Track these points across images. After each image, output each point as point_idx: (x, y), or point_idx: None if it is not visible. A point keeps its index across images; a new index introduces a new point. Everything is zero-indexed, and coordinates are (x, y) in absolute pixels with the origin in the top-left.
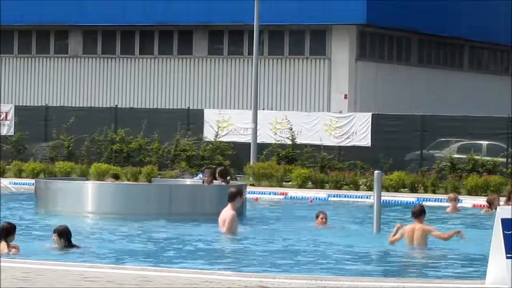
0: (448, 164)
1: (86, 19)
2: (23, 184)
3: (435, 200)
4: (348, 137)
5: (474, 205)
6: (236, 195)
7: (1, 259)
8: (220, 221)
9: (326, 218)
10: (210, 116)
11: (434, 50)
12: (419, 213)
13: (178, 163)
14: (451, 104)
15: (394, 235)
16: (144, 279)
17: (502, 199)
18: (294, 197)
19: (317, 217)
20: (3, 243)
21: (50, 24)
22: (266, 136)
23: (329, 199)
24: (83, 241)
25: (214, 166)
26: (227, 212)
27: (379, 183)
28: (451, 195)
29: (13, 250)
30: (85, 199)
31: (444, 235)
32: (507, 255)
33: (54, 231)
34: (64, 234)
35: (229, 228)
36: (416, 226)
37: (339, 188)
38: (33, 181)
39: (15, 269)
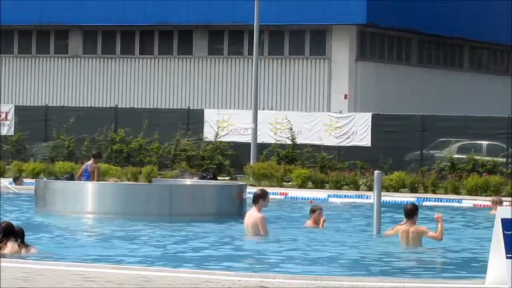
0: (448, 164)
1: (86, 19)
2: (23, 184)
3: (435, 200)
4: (348, 137)
5: (474, 205)
6: (259, 197)
7: (1, 259)
8: (248, 225)
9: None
10: (210, 116)
11: (434, 50)
12: (412, 213)
13: (178, 163)
14: (451, 104)
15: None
16: (144, 279)
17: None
18: (294, 197)
19: (313, 212)
20: (14, 243)
21: (50, 24)
22: (266, 136)
23: (329, 199)
24: (83, 240)
25: (215, 167)
26: (255, 216)
27: (379, 183)
28: (496, 198)
29: (32, 250)
30: (85, 199)
31: (438, 234)
32: (507, 255)
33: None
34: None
35: (266, 232)
36: (410, 228)
37: (339, 188)
38: (33, 181)
39: (15, 269)
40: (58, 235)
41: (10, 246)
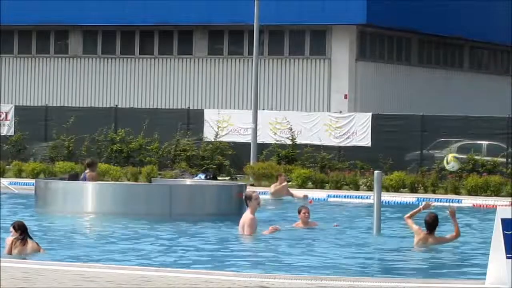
0: None
1: (86, 19)
2: (23, 184)
3: (435, 200)
4: (348, 137)
5: (474, 205)
6: (246, 199)
7: (1, 259)
8: (240, 225)
9: (308, 213)
10: (210, 116)
11: (434, 50)
12: (435, 225)
13: (178, 163)
14: (451, 104)
15: (413, 215)
16: (144, 279)
17: (501, 199)
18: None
19: (299, 212)
20: (34, 242)
21: (50, 24)
22: (266, 136)
23: (329, 199)
24: (83, 240)
25: (215, 167)
26: (246, 217)
27: (379, 183)
28: None
29: (41, 250)
30: (85, 199)
31: (455, 233)
32: (507, 255)
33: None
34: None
35: (249, 232)
36: (430, 238)
37: (339, 188)
38: (33, 181)
39: (15, 269)
40: (58, 235)
41: (31, 245)
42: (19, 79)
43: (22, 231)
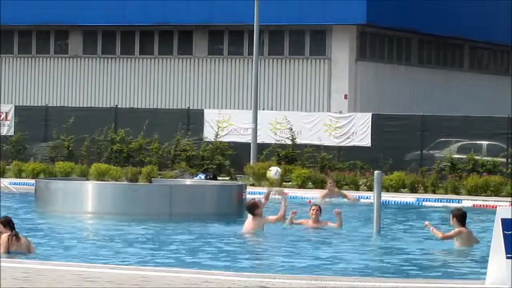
0: (448, 164)
1: (86, 19)
2: (23, 184)
3: (435, 200)
4: (348, 137)
5: (474, 205)
6: (252, 209)
7: (1, 259)
8: (247, 227)
9: (317, 211)
10: (210, 116)
11: (434, 50)
12: (466, 218)
13: (178, 163)
14: (451, 104)
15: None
16: (144, 279)
17: (501, 199)
18: (294, 197)
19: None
20: (26, 239)
21: (50, 24)
22: (266, 136)
23: (330, 199)
24: (83, 240)
25: (215, 167)
26: (252, 222)
27: (379, 183)
28: None
29: (32, 248)
30: (85, 199)
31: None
32: (507, 255)
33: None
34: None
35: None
36: (466, 230)
37: (339, 188)
38: (33, 181)
39: (15, 269)
40: (58, 235)
41: (24, 239)
42: (19, 79)
43: (11, 226)
